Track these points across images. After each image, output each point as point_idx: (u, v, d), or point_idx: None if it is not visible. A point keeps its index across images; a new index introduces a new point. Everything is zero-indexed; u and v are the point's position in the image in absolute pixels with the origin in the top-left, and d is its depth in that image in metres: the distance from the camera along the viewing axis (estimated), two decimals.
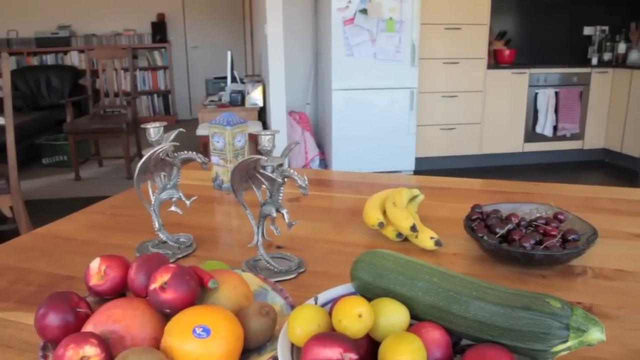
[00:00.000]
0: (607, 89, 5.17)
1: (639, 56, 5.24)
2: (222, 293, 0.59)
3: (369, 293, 0.58)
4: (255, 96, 4.31)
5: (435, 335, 0.51)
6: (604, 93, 5.18)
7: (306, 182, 0.78)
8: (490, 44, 4.90)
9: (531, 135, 5.17)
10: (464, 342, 0.57)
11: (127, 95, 5.04)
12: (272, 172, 0.80)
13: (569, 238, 0.90)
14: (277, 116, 4.06)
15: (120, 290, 0.62)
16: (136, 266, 0.59)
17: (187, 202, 0.92)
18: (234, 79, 4.47)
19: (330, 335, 0.48)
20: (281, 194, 0.82)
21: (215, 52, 7.60)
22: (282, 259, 0.89)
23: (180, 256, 0.90)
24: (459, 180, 1.42)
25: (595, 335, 0.48)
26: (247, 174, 0.81)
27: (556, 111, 5.09)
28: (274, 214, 0.82)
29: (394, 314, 0.52)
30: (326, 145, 4.67)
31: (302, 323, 0.51)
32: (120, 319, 0.53)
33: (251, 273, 0.74)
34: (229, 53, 4.45)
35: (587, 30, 5.52)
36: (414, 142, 4.67)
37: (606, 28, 5.44)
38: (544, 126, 5.13)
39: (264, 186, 0.82)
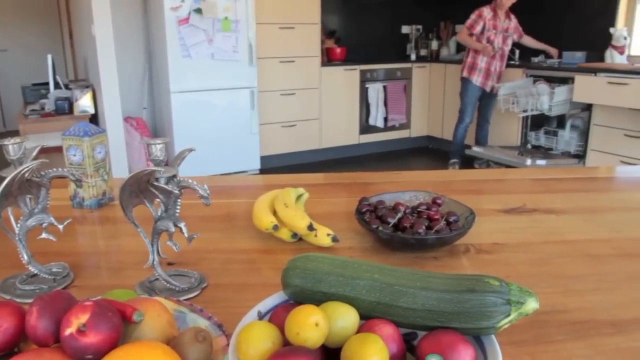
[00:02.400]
0: (426, 82, 5.72)
1: (449, 52, 5.89)
2: (146, 324, 0.52)
3: (307, 299, 0.56)
4: (84, 103, 3.95)
5: (389, 330, 0.51)
6: (423, 86, 5.72)
7: (208, 192, 0.73)
8: (322, 42, 5.10)
9: (365, 127, 5.52)
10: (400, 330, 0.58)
11: None
12: (167, 183, 0.74)
13: (451, 220, 0.97)
14: (113, 123, 3.77)
15: (15, 344, 0.51)
16: (37, 311, 0.49)
17: (60, 227, 0.80)
18: (57, 85, 4.04)
19: (292, 350, 0.45)
20: (178, 207, 0.76)
21: (29, 55, 6.79)
22: (180, 276, 0.82)
23: (58, 289, 0.78)
24: (329, 176, 1.45)
25: (532, 305, 0.52)
26: (138, 188, 0.73)
27: (385, 104, 5.50)
28: (172, 229, 0.75)
29: (345, 317, 0.51)
30: (168, 151, 4.47)
31: (255, 343, 0.47)
32: None
33: (161, 297, 0.67)
34: (49, 57, 4.01)
35: (405, 29, 6.04)
36: (258, 141, 4.69)
37: (420, 27, 6.01)
38: (376, 118, 5.52)
39: (157, 200, 0.75)
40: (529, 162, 4.23)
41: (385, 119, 5.56)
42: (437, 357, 0.47)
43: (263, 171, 4.86)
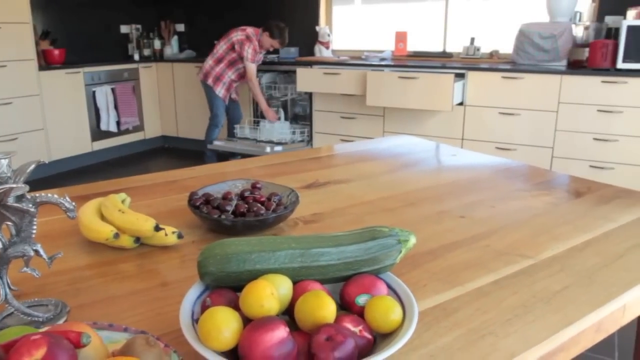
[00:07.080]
0: (154, 81, 5.63)
1: (172, 51, 5.89)
2: (89, 347, 0.50)
3: (232, 281, 0.60)
4: None
5: (319, 287, 0.59)
6: (152, 85, 5.63)
7: (74, 204, 0.68)
8: (37, 44, 4.56)
9: (97, 133, 5.17)
10: None
11: None
12: (19, 202, 0.66)
13: (276, 200, 1.08)
14: None
15: None
16: None
17: None
18: None
19: (267, 320, 0.50)
20: (34, 228, 0.68)
21: None
22: (34, 307, 0.74)
23: None
24: (64, 190, 1.40)
25: (412, 240, 0.66)
26: None
27: (116, 107, 5.24)
28: (31, 253, 0.68)
29: (284, 285, 0.57)
30: None
31: (227, 325, 0.50)
32: None
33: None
34: None
35: (124, 29, 5.81)
36: None
37: (140, 26, 5.86)
38: (108, 123, 5.21)
39: (7, 223, 0.66)
40: (268, 149, 4.59)
41: (118, 123, 5.30)
42: (366, 295, 0.58)
43: None
